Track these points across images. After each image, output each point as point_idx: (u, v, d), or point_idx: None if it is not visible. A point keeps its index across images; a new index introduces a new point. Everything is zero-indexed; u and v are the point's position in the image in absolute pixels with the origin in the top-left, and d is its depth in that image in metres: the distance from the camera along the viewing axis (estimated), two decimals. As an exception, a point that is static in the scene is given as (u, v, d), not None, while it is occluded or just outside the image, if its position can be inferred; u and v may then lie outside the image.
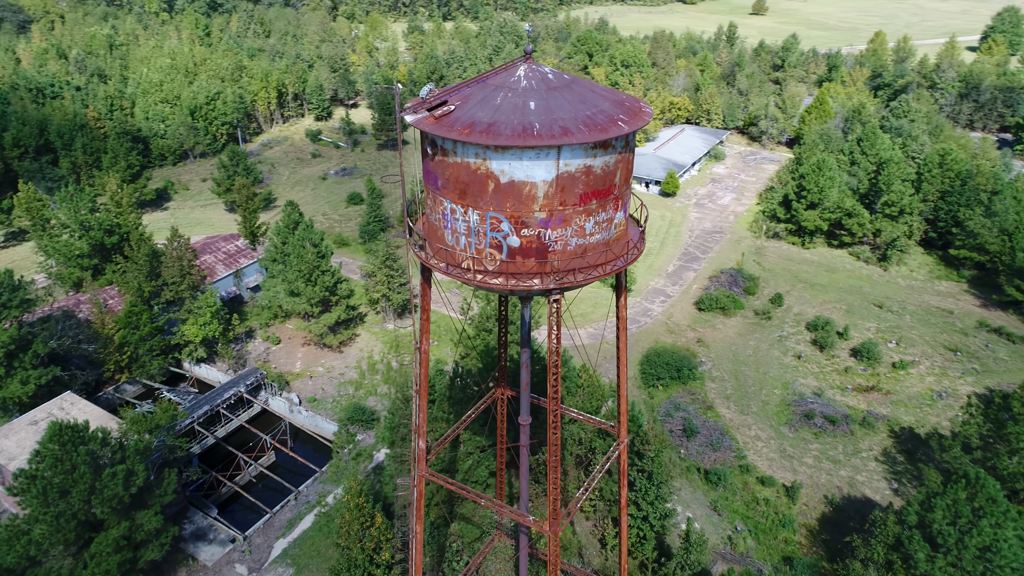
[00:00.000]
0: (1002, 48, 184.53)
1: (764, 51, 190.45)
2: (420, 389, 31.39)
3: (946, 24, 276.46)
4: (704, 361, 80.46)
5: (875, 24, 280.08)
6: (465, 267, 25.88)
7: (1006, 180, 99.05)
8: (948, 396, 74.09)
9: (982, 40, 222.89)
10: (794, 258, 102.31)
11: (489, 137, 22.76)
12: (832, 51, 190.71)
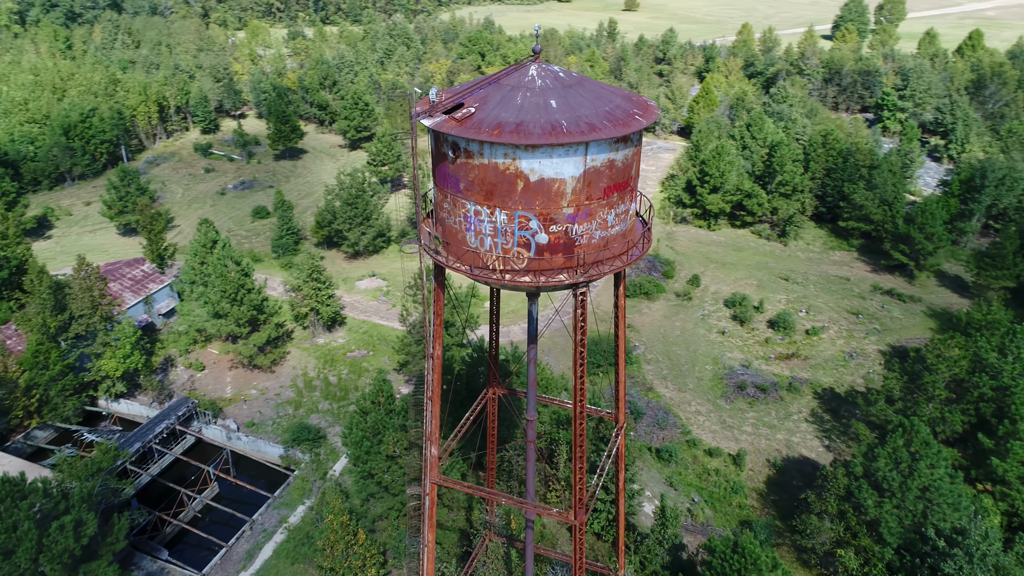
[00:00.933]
0: (853, 36, 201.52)
1: (645, 45, 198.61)
2: (433, 395, 31.10)
3: (799, 15, 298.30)
4: (637, 345, 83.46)
5: (738, 17, 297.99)
6: (491, 268, 26.01)
7: (881, 155, 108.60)
8: (858, 356, 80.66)
9: (834, 29, 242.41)
10: (703, 240, 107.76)
11: (520, 137, 23.05)
12: (707, 43, 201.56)
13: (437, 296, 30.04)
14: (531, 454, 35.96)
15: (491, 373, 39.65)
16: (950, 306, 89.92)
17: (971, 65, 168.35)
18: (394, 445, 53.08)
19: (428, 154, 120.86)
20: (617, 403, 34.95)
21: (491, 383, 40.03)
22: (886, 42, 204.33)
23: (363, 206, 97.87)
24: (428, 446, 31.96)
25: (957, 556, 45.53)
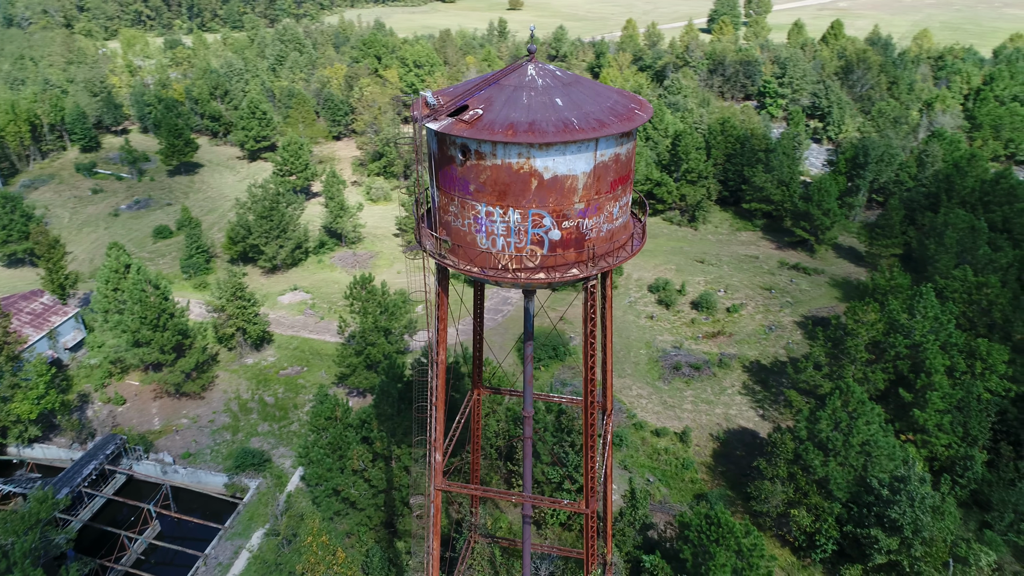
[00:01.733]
0: (730, 28, 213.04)
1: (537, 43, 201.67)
2: (438, 401, 30.80)
3: (675, 10, 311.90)
4: (572, 336, 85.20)
5: (619, 13, 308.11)
6: (503, 267, 26.15)
7: (775, 140, 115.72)
8: (776, 328, 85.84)
9: (710, 22, 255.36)
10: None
11: (535, 136, 23.34)
12: (596, 39, 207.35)
13: (441, 301, 29.83)
14: (528, 450, 36.31)
15: (475, 374, 39.63)
16: (849, 275, 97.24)
17: (837, 53, 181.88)
18: (359, 459, 51.92)
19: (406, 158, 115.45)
20: (604, 391, 35.80)
21: (475, 385, 40.03)
22: (759, 34, 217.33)
23: (279, 218, 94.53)
24: (432, 452, 31.66)
25: (900, 502, 49.62)
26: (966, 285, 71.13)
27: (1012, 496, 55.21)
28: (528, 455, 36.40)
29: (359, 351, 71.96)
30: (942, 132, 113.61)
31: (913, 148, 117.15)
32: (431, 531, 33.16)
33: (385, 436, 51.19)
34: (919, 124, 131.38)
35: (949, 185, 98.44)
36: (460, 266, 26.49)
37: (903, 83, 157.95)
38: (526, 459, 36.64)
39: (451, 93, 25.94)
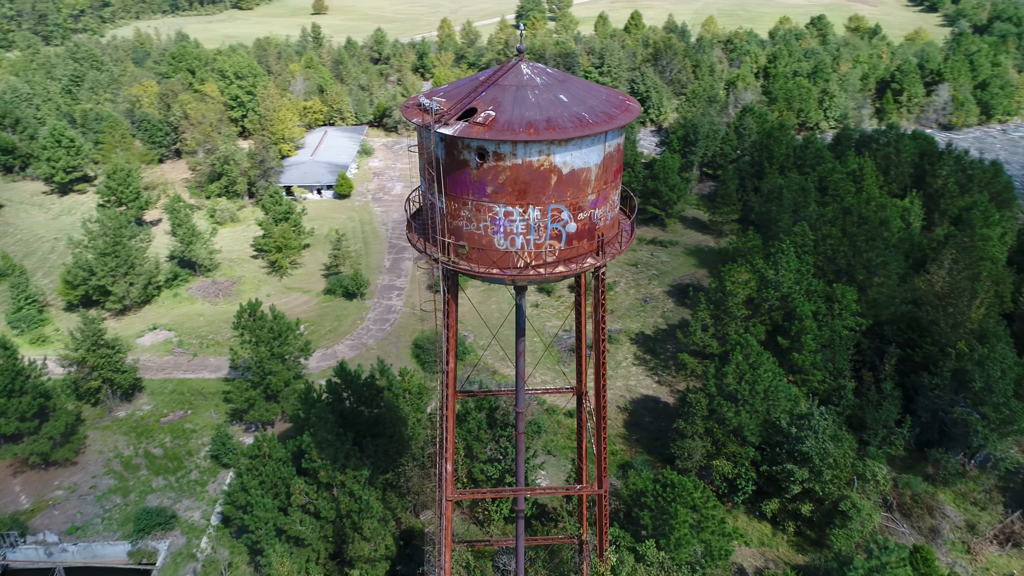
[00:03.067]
0: (542, 23, 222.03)
1: (356, 47, 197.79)
2: (448, 411, 30.15)
3: (480, 8, 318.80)
4: (467, 334, 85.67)
5: (426, 13, 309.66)
6: (522, 265, 26.33)
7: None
8: (650, 300, 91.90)
9: (518, 17, 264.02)
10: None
11: (555, 132, 23.77)
12: (415, 39, 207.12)
13: (450, 308, 29.25)
14: (521, 445, 36.55)
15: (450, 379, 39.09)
16: (699, 244, 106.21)
17: (642, 41, 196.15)
18: (301, 493, 49.11)
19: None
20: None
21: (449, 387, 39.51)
22: (568, 27, 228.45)
23: (125, 254, 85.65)
24: (443, 463, 31.02)
25: (807, 436, 55.75)
26: (805, 239, 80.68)
27: (881, 415, 63.77)
28: (521, 450, 36.73)
29: (256, 383, 67.59)
30: (751, 107, 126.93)
31: (730, 123, 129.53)
32: (443, 543, 32.54)
33: (328, 464, 48.78)
34: (727, 102, 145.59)
35: (769, 153, 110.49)
36: (478, 270, 26.32)
37: (704, 66, 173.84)
38: (519, 454, 36.95)
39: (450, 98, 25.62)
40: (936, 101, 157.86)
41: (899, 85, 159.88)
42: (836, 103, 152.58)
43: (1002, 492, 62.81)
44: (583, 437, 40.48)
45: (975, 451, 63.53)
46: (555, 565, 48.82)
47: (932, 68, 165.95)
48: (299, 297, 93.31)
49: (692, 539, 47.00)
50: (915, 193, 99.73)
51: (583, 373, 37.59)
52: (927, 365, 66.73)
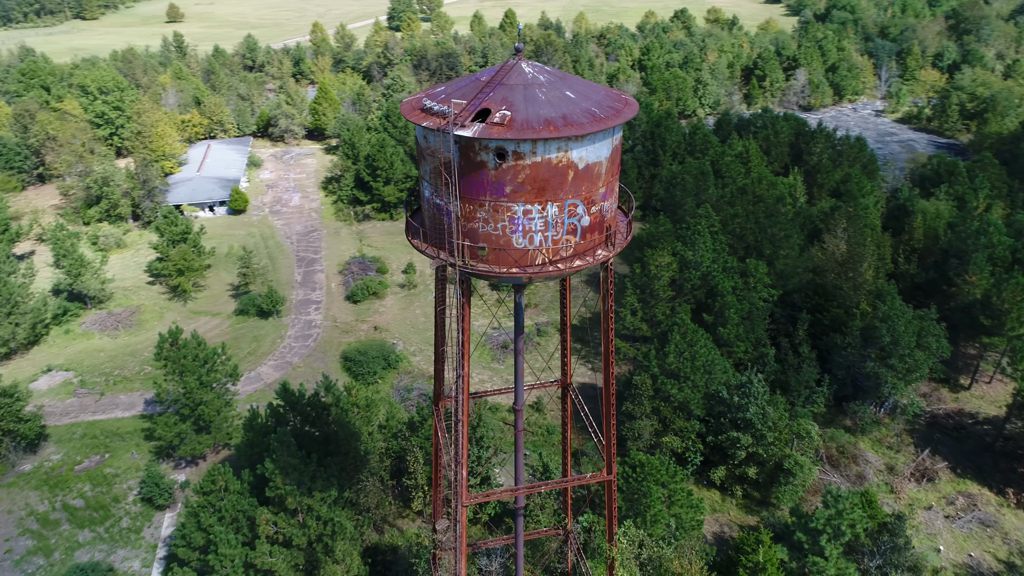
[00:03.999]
0: (417, 23, 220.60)
1: (224, 55, 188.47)
2: (463, 416, 29.68)
3: (349, 10, 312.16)
4: (396, 342, 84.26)
5: (292, 18, 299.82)
6: (540, 262, 26.46)
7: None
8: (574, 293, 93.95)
9: (390, 19, 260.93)
10: (394, 231, 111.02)
11: (573, 128, 24.06)
12: (289, 45, 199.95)
13: (465, 312, 28.79)
14: (520, 442, 36.56)
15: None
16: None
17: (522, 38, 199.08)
18: (268, 524, 46.76)
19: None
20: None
21: (437, 399, 38.95)
22: (444, 27, 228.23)
23: (7, 292, 77.69)
24: (459, 468, 30.57)
25: (750, 403, 59.26)
26: (712, 220, 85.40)
27: (803, 377, 68.65)
28: (520, 447, 36.81)
29: (185, 415, 63.47)
30: (638, 98, 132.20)
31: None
32: (460, 550, 32.11)
33: (294, 489, 46.64)
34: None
35: (661, 142, 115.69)
36: (498, 271, 26.22)
37: (583, 60, 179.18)
38: (518, 451, 37.01)
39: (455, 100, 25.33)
40: (795, 85, 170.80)
41: (762, 72, 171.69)
42: (709, 91, 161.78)
43: (911, 435, 69.44)
44: (568, 429, 41.14)
45: (884, 400, 69.77)
46: (539, 558, 49.28)
47: (788, 55, 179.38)
48: (209, 321, 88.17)
49: (665, 514, 48.88)
50: (796, 170, 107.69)
51: (568, 366, 38.21)
52: (835, 327, 72.58)
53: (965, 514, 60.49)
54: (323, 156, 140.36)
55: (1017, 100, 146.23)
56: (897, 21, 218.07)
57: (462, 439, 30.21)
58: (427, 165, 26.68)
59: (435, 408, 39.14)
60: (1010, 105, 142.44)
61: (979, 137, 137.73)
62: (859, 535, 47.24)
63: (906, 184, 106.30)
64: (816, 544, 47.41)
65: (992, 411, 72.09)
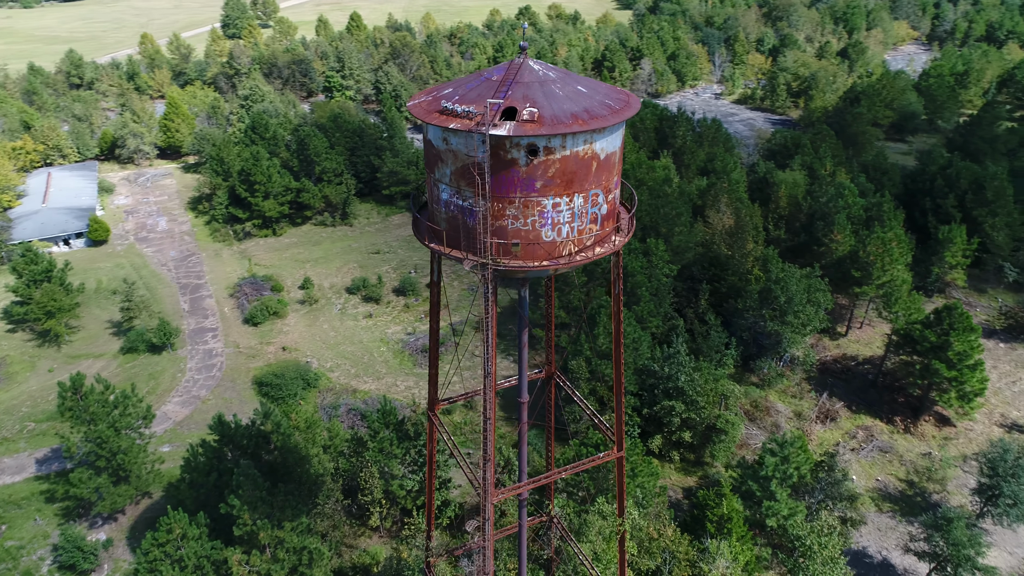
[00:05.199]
0: (258, 31, 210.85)
1: (43, 74, 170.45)
2: (490, 416, 29.65)
3: (173, 21, 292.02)
4: (310, 360, 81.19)
5: (109, 30, 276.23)
6: (567, 253, 27.17)
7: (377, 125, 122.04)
8: (475, 287, 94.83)
9: (224, 28, 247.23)
10: (280, 247, 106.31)
11: (598, 121, 24.95)
12: (118, 59, 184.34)
13: (493, 311, 28.71)
14: (524, 435, 36.90)
15: (432, 393, 38.06)
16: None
17: (371, 41, 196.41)
18: (240, 564, 44.04)
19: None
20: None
21: (432, 405, 38.46)
22: (287, 32, 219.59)
23: None
24: (487, 467, 30.58)
25: (680, 372, 63.16)
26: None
27: (712, 342, 73.98)
28: (523, 440, 37.20)
29: (101, 467, 57.88)
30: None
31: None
32: (489, 549, 32.14)
33: (266, 522, 44.15)
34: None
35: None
36: (530, 265, 26.67)
37: (440, 60, 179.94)
38: (522, 444, 37.41)
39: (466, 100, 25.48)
40: (642, 73, 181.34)
41: (611, 63, 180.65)
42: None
43: (808, 382, 76.90)
44: (553, 418, 42.13)
45: (783, 354, 76.73)
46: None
47: (632, 46, 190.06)
48: (93, 364, 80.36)
49: (631, 485, 51.26)
50: (666, 153, 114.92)
51: (552, 355, 39.25)
52: (732, 293, 78.73)
53: (866, 445, 68.13)
54: (183, 175, 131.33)
55: (832, 77, 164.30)
56: (719, 11, 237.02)
57: (489, 439, 30.42)
58: (446, 167, 26.63)
59: (430, 414, 38.78)
60: (828, 82, 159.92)
61: (807, 112, 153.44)
62: (804, 476, 52.10)
63: (760, 159, 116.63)
64: (767, 490, 51.75)
65: (868, 352, 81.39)
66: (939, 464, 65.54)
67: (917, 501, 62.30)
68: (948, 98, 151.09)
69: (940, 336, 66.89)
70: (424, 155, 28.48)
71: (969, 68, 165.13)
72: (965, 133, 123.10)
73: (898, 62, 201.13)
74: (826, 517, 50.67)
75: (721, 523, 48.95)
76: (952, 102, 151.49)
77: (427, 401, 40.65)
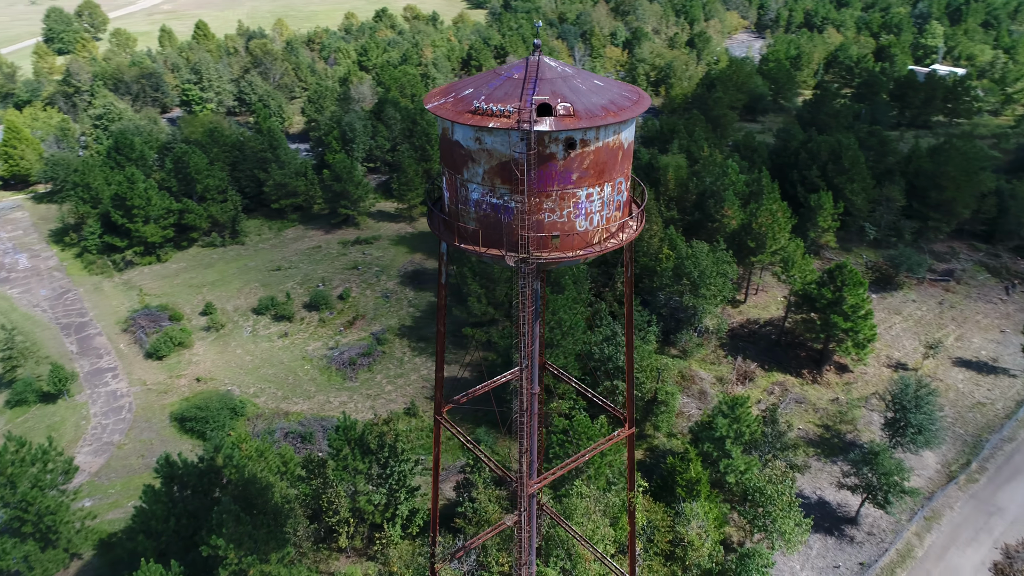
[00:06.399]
0: (93, 44, 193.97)
1: None
2: (527, 411, 29.93)
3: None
4: (231, 388, 76.86)
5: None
6: (597, 241, 28.12)
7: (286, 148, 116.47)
8: (391, 293, 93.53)
9: (49, 42, 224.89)
10: (168, 273, 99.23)
11: (625, 113, 26.09)
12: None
13: (529, 303, 28.92)
14: (534, 426, 37.28)
15: (438, 397, 37.59)
16: (399, 232, 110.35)
17: (224, 50, 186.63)
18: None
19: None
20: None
21: (438, 410, 38.00)
22: (125, 45, 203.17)
23: None
24: (523, 459, 30.89)
25: (619, 351, 66.03)
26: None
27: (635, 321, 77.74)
28: (534, 430, 37.64)
29: (27, 532, 52.15)
30: (389, 98, 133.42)
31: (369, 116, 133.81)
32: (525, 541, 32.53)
33: (254, 559, 41.76)
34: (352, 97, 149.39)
35: (427, 137, 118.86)
36: (567, 255, 27.41)
37: (304, 67, 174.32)
38: (532, 435, 37.84)
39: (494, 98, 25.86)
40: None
41: (477, 61, 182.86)
42: (438, 84, 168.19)
43: (722, 349, 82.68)
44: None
45: (698, 325, 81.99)
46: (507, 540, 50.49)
47: (496, 44, 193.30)
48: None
49: (602, 465, 53.25)
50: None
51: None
52: (646, 273, 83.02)
53: (783, 399, 74.46)
54: (36, 206, 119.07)
55: (685, 66, 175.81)
56: (570, 7, 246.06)
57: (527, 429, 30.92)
58: (478, 167, 26.86)
59: (436, 417, 38.51)
60: (684, 70, 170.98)
61: (668, 99, 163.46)
62: (754, 432, 56.41)
63: (640, 146, 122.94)
64: (723, 449, 55.57)
65: (767, 315, 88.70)
66: (847, 407, 72.91)
67: (835, 443, 69.01)
68: (787, 80, 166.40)
69: (835, 292, 74.28)
70: (444, 157, 28.47)
71: (800, 52, 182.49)
72: (812, 110, 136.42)
73: (736, 49, 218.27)
74: (778, 466, 55.20)
75: (691, 486, 52.06)
76: (791, 83, 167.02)
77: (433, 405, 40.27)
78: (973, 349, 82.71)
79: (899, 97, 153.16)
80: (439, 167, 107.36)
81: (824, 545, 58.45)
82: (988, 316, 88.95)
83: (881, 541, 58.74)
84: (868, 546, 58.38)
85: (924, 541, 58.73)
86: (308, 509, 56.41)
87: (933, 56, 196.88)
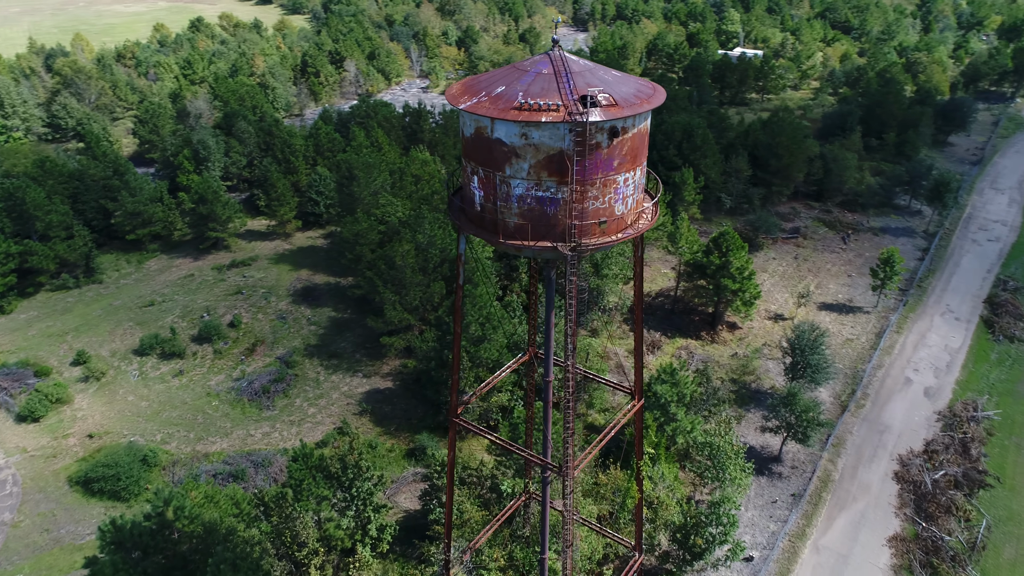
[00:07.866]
0: None
1: None
2: (572, 400, 30.44)
3: None
4: (134, 438, 69.87)
5: None
6: (629, 223, 29.43)
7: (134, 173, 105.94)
8: (286, 314, 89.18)
9: None
10: (15, 325, 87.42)
11: (653, 100, 27.62)
12: None
13: (574, 291, 29.36)
14: (548, 414, 37.64)
15: (452, 400, 36.93)
16: (276, 250, 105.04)
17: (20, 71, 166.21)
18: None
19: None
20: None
21: (452, 413, 37.33)
22: None
23: None
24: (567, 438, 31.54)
25: (550, 338, 68.01)
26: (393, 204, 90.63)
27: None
28: (548, 418, 38.06)
29: None
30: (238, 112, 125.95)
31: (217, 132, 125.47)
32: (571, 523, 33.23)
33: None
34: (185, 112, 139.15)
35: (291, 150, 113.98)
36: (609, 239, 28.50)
37: (123, 85, 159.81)
38: (546, 423, 38.27)
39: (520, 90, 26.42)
40: (348, 75, 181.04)
41: (314, 68, 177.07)
42: (279, 95, 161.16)
43: (626, 324, 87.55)
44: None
45: (603, 304, 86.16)
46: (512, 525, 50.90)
47: (330, 49, 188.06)
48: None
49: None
50: (422, 146, 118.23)
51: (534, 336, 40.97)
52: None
53: (692, 361, 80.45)
54: None
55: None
56: (395, 8, 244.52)
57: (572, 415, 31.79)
58: (523, 163, 27.24)
59: (451, 420, 38.07)
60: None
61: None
62: (694, 392, 60.77)
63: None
64: (668, 414, 59.44)
65: (657, 287, 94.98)
66: (746, 360, 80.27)
67: (743, 393, 75.80)
68: (618, 68, 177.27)
69: (721, 258, 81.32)
70: (477, 157, 28.49)
71: (625, 42, 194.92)
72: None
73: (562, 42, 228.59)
74: (722, 420, 59.99)
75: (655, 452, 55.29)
76: (622, 71, 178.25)
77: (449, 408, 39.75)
78: (831, 293, 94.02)
79: (719, 78, 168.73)
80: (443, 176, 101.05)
81: (759, 484, 64.35)
82: (835, 264, 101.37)
83: (804, 472, 65.69)
84: (794, 478, 65.07)
85: (837, 465, 66.48)
86: (273, 547, 53.10)
87: (735, 40, 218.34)
